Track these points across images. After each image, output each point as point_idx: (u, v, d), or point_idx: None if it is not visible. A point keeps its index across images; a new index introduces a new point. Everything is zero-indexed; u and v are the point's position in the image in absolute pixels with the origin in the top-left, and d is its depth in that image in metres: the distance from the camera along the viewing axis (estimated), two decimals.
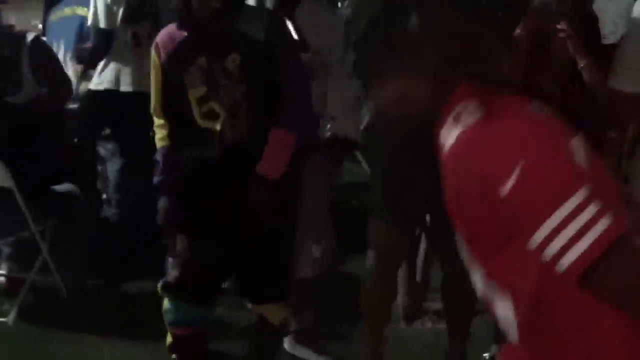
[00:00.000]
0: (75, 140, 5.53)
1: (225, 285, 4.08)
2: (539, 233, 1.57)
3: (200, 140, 3.47)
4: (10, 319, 4.54)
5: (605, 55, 3.69)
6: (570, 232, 1.55)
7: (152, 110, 3.61)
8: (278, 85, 3.50)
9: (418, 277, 4.52)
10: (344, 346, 4.22)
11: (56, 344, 4.38)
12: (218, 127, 3.41)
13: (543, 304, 1.71)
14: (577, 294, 1.63)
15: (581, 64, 3.75)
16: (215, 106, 3.41)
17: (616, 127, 3.82)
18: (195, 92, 3.40)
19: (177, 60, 3.46)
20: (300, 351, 4.19)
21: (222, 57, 3.39)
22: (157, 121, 3.59)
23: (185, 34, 3.43)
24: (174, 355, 3.70)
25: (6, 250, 4.95)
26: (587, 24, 3.95)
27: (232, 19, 3.40)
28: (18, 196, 4.43)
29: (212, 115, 3.42)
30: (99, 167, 5.97)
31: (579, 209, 1.55)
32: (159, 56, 3.50)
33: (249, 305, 3.83)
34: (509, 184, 1.58)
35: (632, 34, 3.62)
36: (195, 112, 3.43)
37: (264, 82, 3.46)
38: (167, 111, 3.54)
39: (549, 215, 1.57)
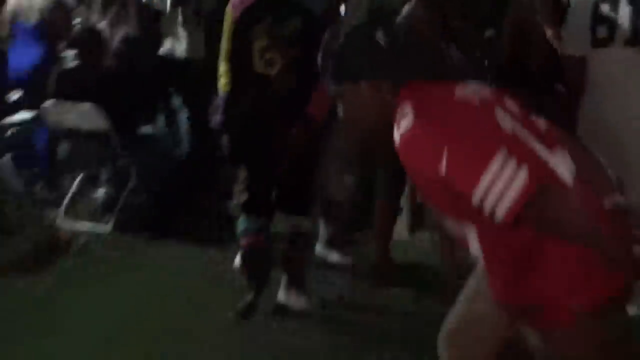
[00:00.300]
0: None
1: None
2: (475, 196, 1.71)
3: (257, 84, 3.47)
4: (108, 227, 4.83)
5: None
6: (497, 189, 1.69)
7: (220, 59, 3.57)
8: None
9: (418, 199, 4.47)
10: (362, 250, 4.37)
11: (142, 245, 4.65)
12: (273, 73, 3.44)
13: (500, 237, 1.86)
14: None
15: (549, 33, 3.78)
16: (274, 56, 3.42)
17: (569, 87, 3.83)
18: (259, 43, 3.40)
19: (248, 17, 3.44)
20: (328, 253, 4.33)
21: (285, 20, 3.42)
22: (223, 67, 3.56)
23: None
24: (241, 262, 3.83)
25: (105, 176, 5.16)
26: (556, 2, 4.00)
27: None
28: (112, 135, 4.67)
29: (269, 63, 3.42)
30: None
31: (500, 170, 1.70)
32: (233, 13, 3.47)
33: (287, 219, 3.83)
34: (442, 167, 1.73)
35: (575, 5, 3.64)
36: (256, 60, 3.44)
37: (314, 46, 3.43)
38: (232, 58, 3.51)
39: (477, 181, 1.70)
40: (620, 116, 3.50)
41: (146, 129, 5.26)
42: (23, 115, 5.78)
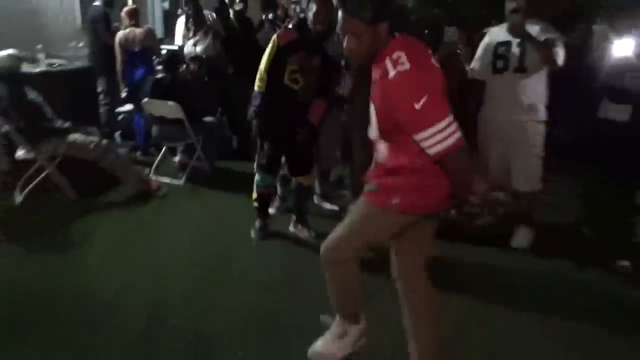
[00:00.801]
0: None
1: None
2: (423, 134, 1.82)
3: (284, 92, 3.45)
4: (181, 182, 4.96)
5: None
6: (437, 138, 1.81)
7: (261, 69, 3.45)
8: (329, 77, 3.57)
9: None
10: (345, 202, 4.30)
11: (205, 194, 4.76)
12: (296, 88, 3.44)
13: (403, 154, 1.95)
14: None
15: (468, 67, 3.87)
16: (299, 77, 3.44)
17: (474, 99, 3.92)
18: (291, 67, 3.40)
19: (289, 48, 3.40)
20: (322, 204, 4.43)
21: (312, 56, 3.42)
22: (261, 74, 3.45)
23: (298, 36, 3.42)
24: (255, 203, 3.83)
25: (180, 148, 5.29)
26: (473, 47, 4.02)
27: (324, 37, 3.40)
28: (185, 122, 4.77)
29: (294, 81, 3.43)
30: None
31: (444, 128, 1.81)
32: (279, 42, 3.40)
33: (294, 178, 3.89)
34: (419, 105, 1.78)
35: (483, 47, 3.76)
36: (286, 77, 3.42)
37: (326, 75, 3.52)
38: (270, 71, 3.43)
39: (430, 127, 1.81)
40: (507, 118, 3.62)
41: (208, 119, 5.28)
42: (128, 107, 6.01)
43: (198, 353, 2.65)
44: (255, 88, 3.51)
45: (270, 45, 3.46)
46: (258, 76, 3.49)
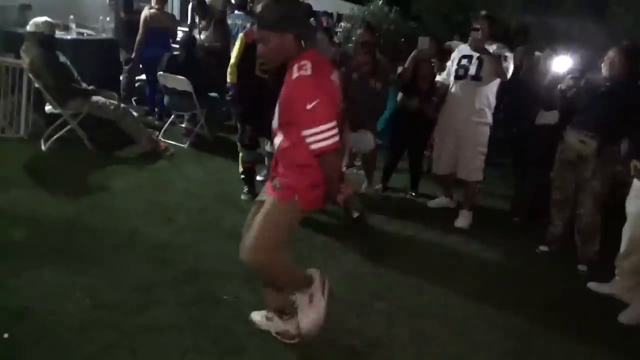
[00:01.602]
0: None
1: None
2: (307, 131, 1.82)
3: (255, 81, 3.34)
4: (185, 146, 4.89)
5: None
6: (318, 137, 1.82)
7: (231, 63, 3.35)
8: None
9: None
10: None
11: (205, 158, 4.69)
12: (266, 77, 3.31)
13: (294, 146, 1.90)
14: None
15: (438, 75, 3.92)
16: (267, 69, 3.26)
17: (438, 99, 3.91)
18: (259, 60, 3.27)
19: (255, 44, 3.47)
20: None
21: None
22: (232, 69, 3.35)
23: None
24: (242, 175, 3.79)
25: (186, 117, 5.20)
26: (443, 55, 4.05)
27: None
28: (193, 95, 4.68)
29: (264, 72, 3.32)
30: None
31: (328, 129, 1.81)
32: (246, 39, 3.31)
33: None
34: (309, 106, 1.79)
35: (451, 59, 3.80)
36: (257, 68, 3.32)
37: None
38: (240, 65, 3.32)
39: (315, 127, 1.81)
40: (461, 117, 3.68)
41: (212, 94, 5.09)
42: (143, 77, 5.89)
43: (194, 289, 2.64)
44: (228, 80, 3.42)
45: (238, 42, 3.37)
46: (229, 70, 3.38)
